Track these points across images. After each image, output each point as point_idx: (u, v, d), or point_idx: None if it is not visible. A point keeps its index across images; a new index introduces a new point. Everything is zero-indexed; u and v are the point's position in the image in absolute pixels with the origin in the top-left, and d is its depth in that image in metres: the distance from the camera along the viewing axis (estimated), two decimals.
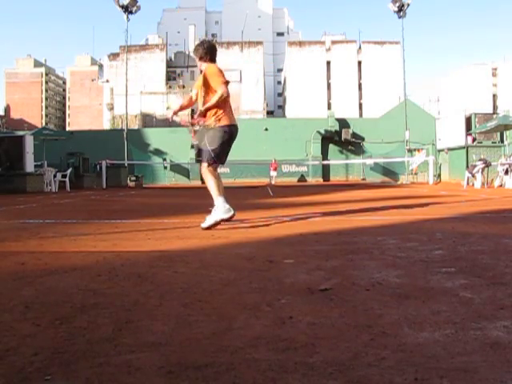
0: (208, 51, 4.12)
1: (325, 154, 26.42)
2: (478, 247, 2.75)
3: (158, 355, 1.15)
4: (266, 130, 26.79)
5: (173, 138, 26.17)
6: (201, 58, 4.16)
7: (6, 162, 12.49)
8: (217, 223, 3.76)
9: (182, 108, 4.53)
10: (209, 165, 3.95)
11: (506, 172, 13.22)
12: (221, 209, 3.76)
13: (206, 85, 4.04)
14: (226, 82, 3.98)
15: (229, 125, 4.02)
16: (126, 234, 3.56)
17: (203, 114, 4.08)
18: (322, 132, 26.31)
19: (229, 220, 3.80)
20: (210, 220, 3.76)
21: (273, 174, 22.88)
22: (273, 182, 22.05)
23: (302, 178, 25.87)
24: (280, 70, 66.28)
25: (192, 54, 4.38)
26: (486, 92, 66.76)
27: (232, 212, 3.76)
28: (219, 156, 3.98)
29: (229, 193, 4.08)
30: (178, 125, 47.40)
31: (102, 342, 1.24)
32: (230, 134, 4.03)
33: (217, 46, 4.42)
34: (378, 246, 2.83)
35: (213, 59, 4.16)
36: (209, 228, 3.72)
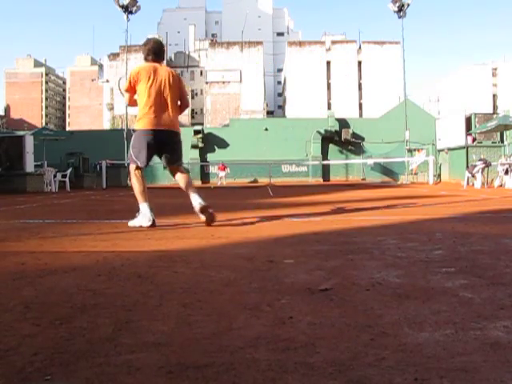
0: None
1: (325, 154, 26.43)
2: (478, 247, 2.75)
3: (158, 355, 1.15)
4: (266, 129, 26.81)
5: None
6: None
7: (6, 162, 12.50)
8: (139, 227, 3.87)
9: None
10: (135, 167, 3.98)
11: (506, 172, 13.22)
12: (144, 215, 3.91)
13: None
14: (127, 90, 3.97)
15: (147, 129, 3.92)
16: (126, 234, 3.56)
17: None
18: (322, 132, 26.32)
19: (152, 226, 3.86)
20: (132, 223, 3.93)
21: (221, 174, 23.07)
22: (219, 183, 22.35)
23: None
24: (280, 70, 66.33)
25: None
26: (486, 92, 66.80)
27: (150, 223, 3.86)
28: (138, 157, 3.95)
29: (229, 193, 4.08)
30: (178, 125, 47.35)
31: (102, 342, 1.24)
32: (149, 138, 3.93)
33: (216, 46, 4.37)
34: (377, 246, 2.83)
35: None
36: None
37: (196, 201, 3.96)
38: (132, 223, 3.93)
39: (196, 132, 26.20)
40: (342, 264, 2.28)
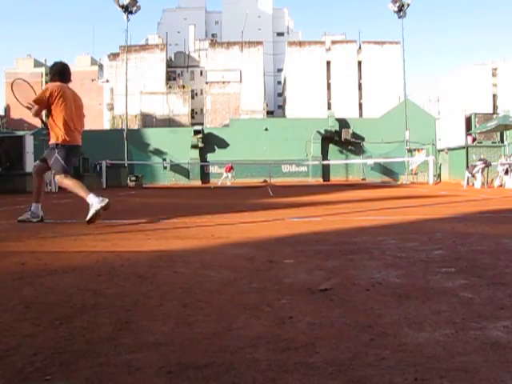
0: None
1: (325, 154, 26.43)
2: (477, 247, 2.75)
3: (158, 355, 1.15)
4: (266, 129, 26.81)
5: (173, 138, 26.20)
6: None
7: (6, 162, 12.49)
8: (97, 213, 4.04)
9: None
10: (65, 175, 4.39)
11: (506, 172, 13.23)
12: (96, 201, 4.07)
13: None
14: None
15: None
16: (126, 234, 3.56)
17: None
18: (322, 132, 26.32)
19: (106, 208, 4.08)
20: (90, 213, 4.05)
21: (226, 175, 22.91)
22: (224, 183, 22.26)
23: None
24: (280, 70, 66.27)
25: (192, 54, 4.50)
26: (486, 92, 66.69)
27: (106, 200, 4.07)
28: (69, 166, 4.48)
29: (229, 193, 4.08)
30: (178, 125, 47.35)
31: (102, 342, 1.24)
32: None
33: (216, 46, 4.47)
34: (378, 245, 2.83)
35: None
36: (92, 220, 4.03)
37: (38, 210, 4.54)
38: (88, 217, 4.08)
39: (196, 132, 26.18)
40: (342, 264, 2.28)
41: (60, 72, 4.48)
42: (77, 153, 4.66)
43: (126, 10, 21.05)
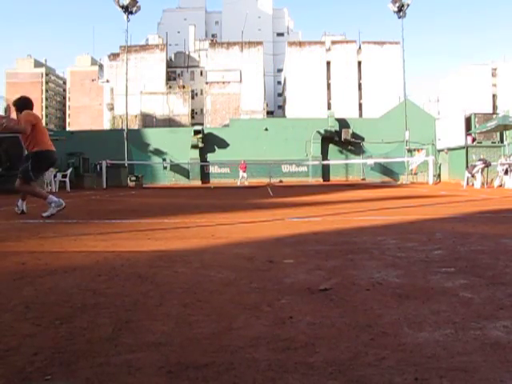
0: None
1: (325, 154, 26.42)
2: (477, 247, 2.75)
3: (158, 355, 1.15)
4: (266, 129, 26.79)
5: (173, 138, 26.18)
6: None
7: (6, 162, 12.49)
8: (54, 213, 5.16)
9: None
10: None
11: (506, 172, 13.22)
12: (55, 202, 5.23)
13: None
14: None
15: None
16: (126, 234, 3.56)
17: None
18: (322, 132, 26.31)
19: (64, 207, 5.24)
20: (50, 212, 5.08)
21: (242, 174, 22.55)
22: (245, 183, 21.90)
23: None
24: (280, 70, 66.30)
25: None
26: (485, 92, 66.72)
27: (63, 204, 5.25)
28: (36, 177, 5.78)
29: (229, 193, 4.07)
30: (178, 125, 47.34)
31: (102, 342, 1.24)
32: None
33: (216, 46, 4.70)
34: (378, 246, 2.83)
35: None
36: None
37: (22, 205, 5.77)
38: (48, 213, 5.04)
39: (196, 132, 26.16)
40: (342, 264, 2.28)
41: (31, 103, 5.83)
42: (52, 156, 5.75)
43: (126, 10, 21.03)
